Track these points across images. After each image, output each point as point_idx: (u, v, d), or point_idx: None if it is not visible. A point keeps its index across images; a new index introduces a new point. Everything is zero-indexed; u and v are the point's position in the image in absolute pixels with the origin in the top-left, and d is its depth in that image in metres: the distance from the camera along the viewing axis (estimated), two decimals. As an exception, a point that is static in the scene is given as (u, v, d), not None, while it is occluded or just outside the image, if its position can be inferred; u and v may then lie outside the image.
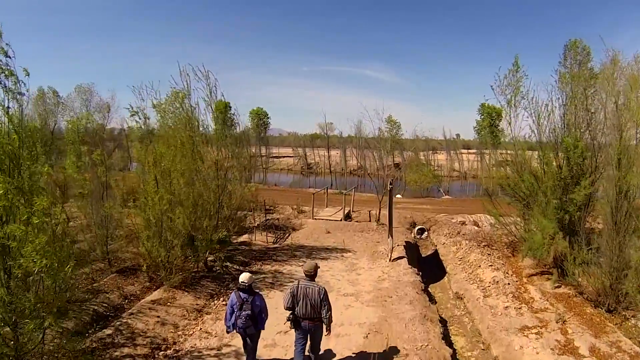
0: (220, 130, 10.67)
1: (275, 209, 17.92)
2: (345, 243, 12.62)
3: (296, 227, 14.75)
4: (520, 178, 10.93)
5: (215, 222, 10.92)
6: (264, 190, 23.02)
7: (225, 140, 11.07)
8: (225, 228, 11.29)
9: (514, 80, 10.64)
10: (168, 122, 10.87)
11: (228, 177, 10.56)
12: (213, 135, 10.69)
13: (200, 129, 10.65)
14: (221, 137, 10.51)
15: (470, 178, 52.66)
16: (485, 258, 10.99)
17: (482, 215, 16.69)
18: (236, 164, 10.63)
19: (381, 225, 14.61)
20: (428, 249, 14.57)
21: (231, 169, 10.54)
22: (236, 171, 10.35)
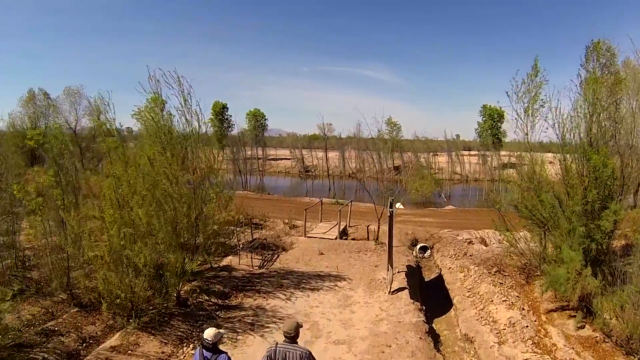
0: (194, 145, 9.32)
1: (265, 224, 16.59)
2: (339, 268, 11.29)
3: (286, 247, 13.41)
4: (538, 199, 9.60)
5: (190, 250, 9.60)
6: (255, 199, 21.70)
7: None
8: (203, 253, 9.98)
9: (533, 86, 9.31)
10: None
11: (205, 196, 9.25)
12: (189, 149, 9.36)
13: (175, 143, 9.36)
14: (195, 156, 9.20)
15: (473, 182, 51.40)
16: (497, 290, 9.66)
17: (489, 231, 15.37)
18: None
19: (380, 245, 13.28)
20: (432, 271, 13.24)
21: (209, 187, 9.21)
22: (212, 192, 8.99)
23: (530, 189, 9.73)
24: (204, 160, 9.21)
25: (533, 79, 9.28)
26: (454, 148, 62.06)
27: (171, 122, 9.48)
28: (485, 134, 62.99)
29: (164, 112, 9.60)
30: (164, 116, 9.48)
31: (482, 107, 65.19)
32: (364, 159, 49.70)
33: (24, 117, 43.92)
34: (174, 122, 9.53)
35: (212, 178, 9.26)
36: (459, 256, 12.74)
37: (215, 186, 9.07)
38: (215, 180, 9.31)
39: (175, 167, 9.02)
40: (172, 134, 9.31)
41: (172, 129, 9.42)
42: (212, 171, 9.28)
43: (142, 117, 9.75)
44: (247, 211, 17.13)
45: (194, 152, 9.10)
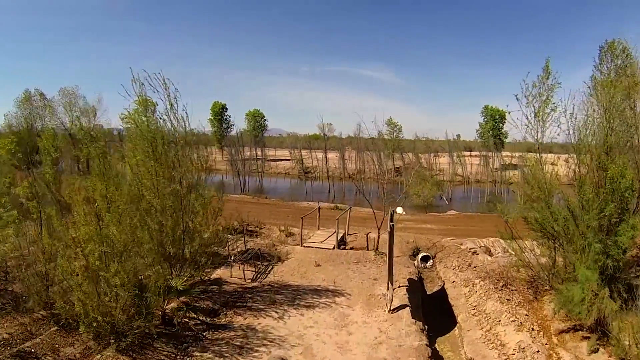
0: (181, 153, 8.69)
1: (261, 231, 15.96)
2: (336, 282, 10.67)
3: (282, 257, 12.79)
4: (549, 210, 8.96)
5: (176, 266, 8.99)
6: (251, 204, 21.08)
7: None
8: (190, 270, 9.36)
9: (544, 89, 8.67)
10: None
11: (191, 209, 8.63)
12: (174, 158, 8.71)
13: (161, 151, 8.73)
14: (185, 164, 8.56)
15: (474, 183, 50.70)
16: (505, 309, 9.02)
17: (494, 240, 14.72)
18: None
19: (380, 255, 12.65)
20: (434, 283, 12.61)
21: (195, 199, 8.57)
22: (199, 205, 8.36)
23: (540, 199, 9.09)
24: (191, 169, 8.56)
25: (544, 81, 8.65)
26: (455, 148, 61.41)
27: (157, 127, 8.86)
28: (486, 135, 62.42)
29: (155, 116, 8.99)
30: (153, 121, 8.86)
31: (484, 108, 64.58)
32: (364, 160, 49.08)
33: (20, 118, 43.41)
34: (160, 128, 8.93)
35: (200, 188, 8.60)
36: (463, 268, 12.11)
37: (202, 198, 8.42)
38: (202, 190, 8.66)
39: (162, 177, 8.41)
40: (157, 142, 8.68)
41: (159, 135, 8.80)
42: (199, 183, 8.64)
43: (129, 122, 9.17)
44: (242, 217, 16.54)
45: (180, 161, 8.45)
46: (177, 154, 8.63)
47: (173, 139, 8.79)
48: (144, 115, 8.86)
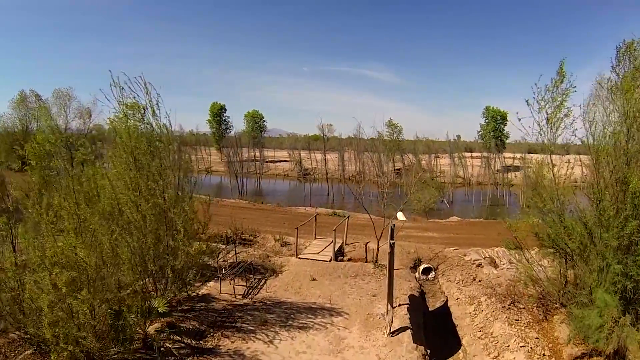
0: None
1: (255, 239, 15.29)
2: (333, 299, 9.99)
3: (276, 269, 12.11)
4: (561, 224, 8.28)
5: (159, 283, 8.33)
6: (247, 209, 20.41)
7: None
8: (175, 287, 8.69)
9: (558, 94, 7.99)
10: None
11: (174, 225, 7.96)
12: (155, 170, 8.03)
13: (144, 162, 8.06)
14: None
15: (476, 185, 50.03)
16: (514, 332, 8.34)
17: (499, 250, 14.05)
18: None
19: (379, 268, 11.97)
20: (436, 298, 11.93)
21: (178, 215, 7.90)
22: (180, 222, 7.68)
23: (552, 212, 8.41)
24: (174, 182, 7.89)
25: (558, 85, 7.96)
26: (455, 149, 60.72)
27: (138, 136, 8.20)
28: (488, 137, 61.78)
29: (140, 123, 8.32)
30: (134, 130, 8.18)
31: (485, 109, 63.98)
32: (363, 162, 48.43)
33: (15, 119, 42.78)
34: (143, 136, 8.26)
35: (183, 201, 7.93)
36: (467, 282, 11.43)
37: (184, 213, 7.74)
38: (187, 203, 7.99)
39: (143, 190, 7.75)
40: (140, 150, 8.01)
41: (142, 144, 8.13)
42: (183, 195, 7.97)
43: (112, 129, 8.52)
44: (236, 224, 15.88)
45: (162, 174, 7.78)
46: (158, 164, 7.96)
47: (154, 149, 8.12)
48: (126, 123, 8.22)
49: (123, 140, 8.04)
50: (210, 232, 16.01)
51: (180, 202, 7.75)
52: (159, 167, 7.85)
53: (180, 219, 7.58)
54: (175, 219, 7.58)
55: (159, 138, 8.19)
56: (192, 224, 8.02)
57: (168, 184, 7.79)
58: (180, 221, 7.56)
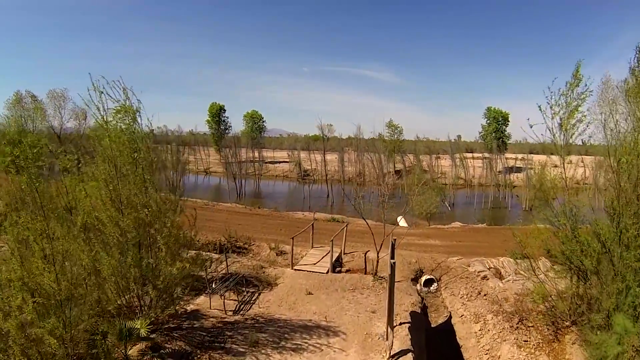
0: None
1: (250, 247, 14.70)
2: (329, 317, 9.40)
3: (270, 281, 11.52)
4: (575, 240, 7.69)
5: (140, 304, 7.74)
6: (243, 215, 19.82)
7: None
8: (158, 306, 8.11)
9: (573, 98, 7.39)
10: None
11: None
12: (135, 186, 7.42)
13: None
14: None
15: (477, 187, 49.41)
16: (524, 356, 7.75)
17: (504, 260, 13.46)
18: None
19: (378, 281, 11.38)
20: (439, 312, 11.34)
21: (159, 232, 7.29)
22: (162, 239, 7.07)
23: (565, 227, 7.82)
24: (155, 196, 7.28)
25: (574, 88, 7.36)
26: (456, 149, 60.09)
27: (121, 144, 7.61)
28: (489, 138, 61.16)
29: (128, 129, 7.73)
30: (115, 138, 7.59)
31: (487, 110, 63.37)
32: (363, 163, 47.85)
33: (10, 120, 42.26)
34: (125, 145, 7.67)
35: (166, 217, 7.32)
36: (471, 296, 10.84)
37: (166, 229, 7.14)
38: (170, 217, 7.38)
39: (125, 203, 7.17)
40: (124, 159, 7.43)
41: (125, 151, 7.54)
42: (166, 209, 7.37)
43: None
44: (231, 231, 15.31)
45: (146, 184, 7.19)
46: (141, 174, 7.37)
47: (137, 157, 7.53)
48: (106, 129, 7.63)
49: (103, 149, 7.47)
50: (203, 240, 15.51)
51: (162, 217, 7.14)
52: (141, 177, 7.24)
53: (161, 235, 6.98)
54: (156, 235, 6.98)
55: (140, 146, 7.59)
56: (176, 240, 7.40)
57: (149, 197, 7.17)
58: (161, 237, 6.96)
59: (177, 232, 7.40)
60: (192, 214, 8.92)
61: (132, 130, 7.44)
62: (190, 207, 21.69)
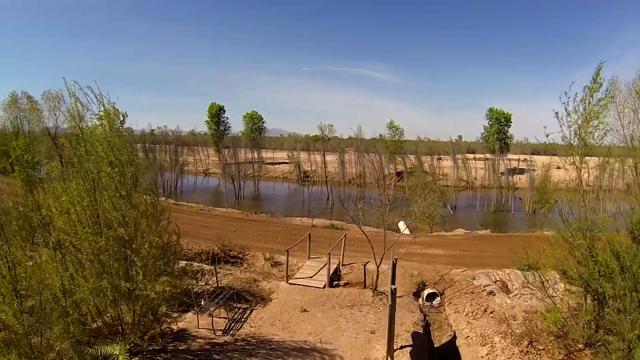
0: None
1: (245, 257, 14.07)
2: (325, 338, 8.76)
3: (264, 296, 10.89)
4: (592, 259, 7.04)
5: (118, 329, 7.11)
6: (239, 221, 19.19)
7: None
8: (139, 330, 7.47)
9: (592, 104, 6.74)
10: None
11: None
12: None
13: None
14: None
15: (479, 189, 48.70)
16: (537, 387, 7.10)
17: (510, 272, 12.79)
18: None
19: (378, 296, 10.74)
20: (442, 330, 10.69)
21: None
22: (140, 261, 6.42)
23: (582, 246, 7.16)
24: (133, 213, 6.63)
25: (593, 94, 6.71)
26: (457, 150, 59.33)
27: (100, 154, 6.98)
28: (491, 139, 60.41)
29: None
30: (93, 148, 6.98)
31: (489, 111, 62.63)
32: (364, 165, 47.18)
33: (6, 121, 41.70)
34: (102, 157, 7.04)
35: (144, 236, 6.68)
36: (477, 314, 10.19)
37: (144, 249, 6.50)
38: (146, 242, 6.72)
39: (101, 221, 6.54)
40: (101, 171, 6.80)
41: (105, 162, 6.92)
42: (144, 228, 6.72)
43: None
44: (225, 239, 14.67)
45: (117, 204, 6.54)
46: (118, 188, 6.73)
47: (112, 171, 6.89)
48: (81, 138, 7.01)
49: (78, 160, 6.84)
50: (196, 249, 14.88)
51: (140, 235, 6.50)
52: (119, 191, 6.60)
53: (139, 256, 6.34)
54: (133, 256, 6.34)
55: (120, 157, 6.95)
56: (155, 260, 6.76)
57: (128, 213, 6.53)
58: (139, 259, 6.32)
59: (158, 252, 6.74)
60: (176, 230, 8.30)
61: (109, 140, 6.79)
62: (185, 212, 20.99)
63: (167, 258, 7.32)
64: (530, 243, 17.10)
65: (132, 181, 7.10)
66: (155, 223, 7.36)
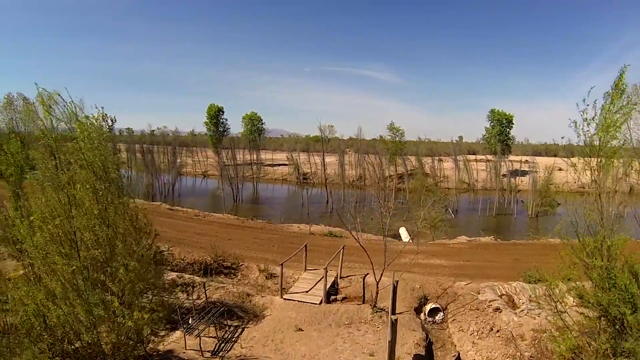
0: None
1: (239, 267, 13.47)
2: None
3: (257, 312, 10.31)
4: (611, 283, 6.45)
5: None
6: (235, 228, 18.59)
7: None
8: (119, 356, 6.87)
9: (615, 111, 6.14)
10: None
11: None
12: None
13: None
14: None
15: (481, 191, 48.07)
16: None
17: (516, 285, 12.19)
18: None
19: (378, 314, 10.15)
20: (446, 349, 10.08)
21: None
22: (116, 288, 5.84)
23: (601, 268, 6.56)
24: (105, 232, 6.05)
25: (616, 100, 6.11)
26: (458, 151, 58.68)
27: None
28: (493, 141, 59.79)
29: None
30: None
31: (490, 112, 62.04)
32: (364, 167, 46.57)
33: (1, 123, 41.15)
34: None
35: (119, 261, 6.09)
36: (482, 333, 9.60)
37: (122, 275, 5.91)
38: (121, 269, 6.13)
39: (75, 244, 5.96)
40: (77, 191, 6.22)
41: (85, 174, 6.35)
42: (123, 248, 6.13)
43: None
44: (219, 248, 14.08)
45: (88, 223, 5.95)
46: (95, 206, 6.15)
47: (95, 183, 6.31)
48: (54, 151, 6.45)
49: (50, 175, 6.27)
50: (189, 258, 14.30)
51: (114, 259, 5.92)
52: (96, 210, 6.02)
53: (114, 282, 5.76)
54: (106, 281, 5.76)
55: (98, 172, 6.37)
56: (135, 285, 6.17)
57: (100, 233, 5.95)
58: (114, 284, 5.74)
59: (141, 271, 6.16)
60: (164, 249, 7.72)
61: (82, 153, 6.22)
62: (180, 218, 20.35)
63: (150, 279, 6.73)
64: (536, 252, 16.62)
65: (110, 197, 6.52)
66: (136, 242, 6.78)
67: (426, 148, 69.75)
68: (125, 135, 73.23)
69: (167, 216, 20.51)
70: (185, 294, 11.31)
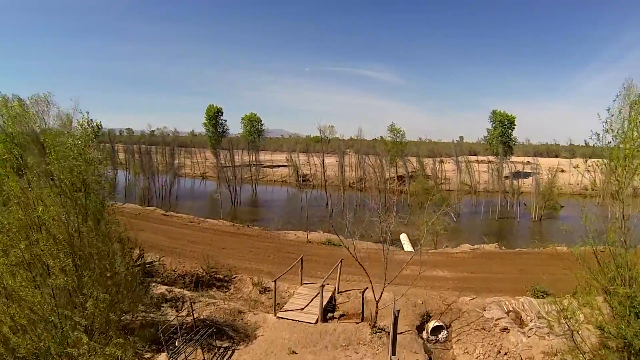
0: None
1: (232, 280, 12.87)
2: (315, 391, 7.56)
3: (248, 332, 9.70)
4: (634, 311, 5.84)
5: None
6: (230, 235, 17.97)
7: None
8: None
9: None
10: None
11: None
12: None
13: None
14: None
15: (483, 193, 47.40)
16: None
17: (524, 301, 11.57)
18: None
19: (377, 334, 9.53)
20: (449, 372, 9.47)
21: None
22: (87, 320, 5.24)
23: (624, 297, 5.95)
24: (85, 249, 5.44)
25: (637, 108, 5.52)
26: (459, 152, 57.99)
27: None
28: (495, 142, 59.14)
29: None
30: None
31: (492, 113, 61.38)
32: (364, 168, 45.92)
33: (-4, 124, 40.64)
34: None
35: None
36: (489, 357, 8.99)
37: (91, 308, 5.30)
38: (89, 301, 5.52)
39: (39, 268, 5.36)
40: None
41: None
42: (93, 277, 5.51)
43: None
44: (213, 258, 13.49)
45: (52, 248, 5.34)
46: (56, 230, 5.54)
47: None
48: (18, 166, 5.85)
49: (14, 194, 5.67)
50: (180, 270, 13.70)
51: (84, 288, 5.31)
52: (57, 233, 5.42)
53: (83, 313, 5.15)
54: (72, 315, 5.15)
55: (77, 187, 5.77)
56: (107, 316, 5.57)
57: (64, 260, 5.34)
58: (82, 317, 5.13)
59: (109, 306, 5.54)
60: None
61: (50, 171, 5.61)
62: (174, 225, 19.69)
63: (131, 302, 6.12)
64: (542, 262, 15.98)
65: (82, 217, 5.92)
66: (114, 265, 6.17)
67: (427, 149, 69.10)
68: (125, 135, 72.72)
69: (161, 222, 19.92)
70: (175, 309, 10.73)
